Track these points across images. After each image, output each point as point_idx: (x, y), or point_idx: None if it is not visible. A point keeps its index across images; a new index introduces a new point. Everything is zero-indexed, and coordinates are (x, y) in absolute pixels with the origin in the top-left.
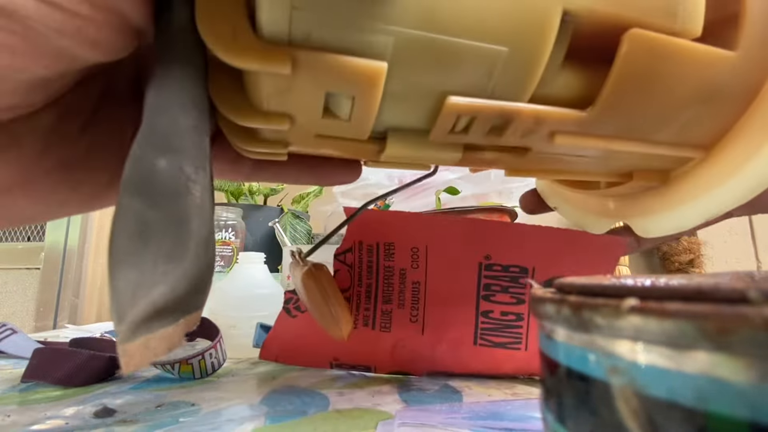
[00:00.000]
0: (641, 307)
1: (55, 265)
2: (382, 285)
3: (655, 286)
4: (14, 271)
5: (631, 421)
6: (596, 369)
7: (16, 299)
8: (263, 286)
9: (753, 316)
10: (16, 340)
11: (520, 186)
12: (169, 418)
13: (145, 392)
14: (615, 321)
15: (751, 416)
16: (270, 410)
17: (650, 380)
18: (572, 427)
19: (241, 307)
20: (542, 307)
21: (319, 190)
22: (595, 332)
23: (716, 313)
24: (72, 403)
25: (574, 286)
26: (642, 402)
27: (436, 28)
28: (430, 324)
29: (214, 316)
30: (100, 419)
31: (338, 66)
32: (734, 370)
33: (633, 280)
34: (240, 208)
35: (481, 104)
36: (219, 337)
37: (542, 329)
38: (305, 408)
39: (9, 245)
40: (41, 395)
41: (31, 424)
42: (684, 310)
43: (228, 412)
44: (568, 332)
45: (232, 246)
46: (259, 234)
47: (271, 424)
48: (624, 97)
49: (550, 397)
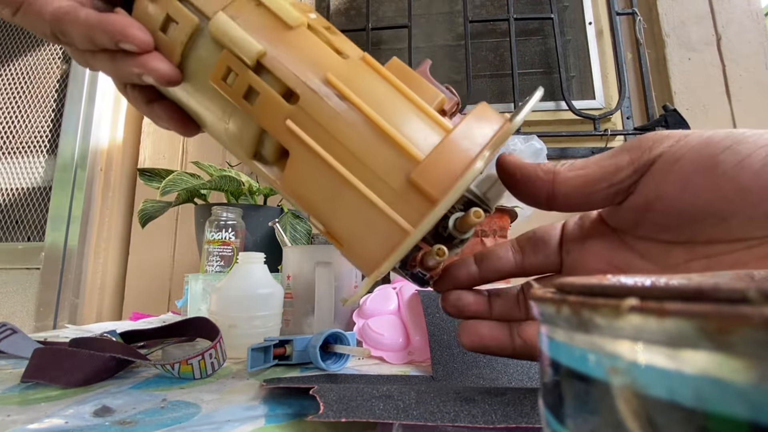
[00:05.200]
0: (641, 307)
1: (55, 265)
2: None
3: (655, 286)
4: (14, 271)
5: (631, 421)
6: (596, 369)
7: (16, 299)
8: (263, 286)
9: (753, 316)
10: (16, 340)
11: None
12: (169, 418)
13: (145, 392)
14: (615, 321)
15: (751, 416)
16: (269, 411)
17: (650, 380)
18: (572, 427)
19: (241, 307)
20: (542, 307)
21: None
22: (595, 332)
23: (716, 313)
24: (72, 403)
25: (574, 286)
26: (642, 402)
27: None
28: None
29: (214, 316)
30: (100, 418)
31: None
32: (734, 370)
33: (633, 280)
34: (240, 208)
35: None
36: (219, 337)
37: (542, 329)
38: (304, 409)
39: (9, 245)
40: (41, 395)
41: (31, 423)
42: (684, 310)
43: (228, 412)
44: (568, 332)
45: (232, 246)
46: (259, 234)
47: (271, 424)
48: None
49: (550, 397)
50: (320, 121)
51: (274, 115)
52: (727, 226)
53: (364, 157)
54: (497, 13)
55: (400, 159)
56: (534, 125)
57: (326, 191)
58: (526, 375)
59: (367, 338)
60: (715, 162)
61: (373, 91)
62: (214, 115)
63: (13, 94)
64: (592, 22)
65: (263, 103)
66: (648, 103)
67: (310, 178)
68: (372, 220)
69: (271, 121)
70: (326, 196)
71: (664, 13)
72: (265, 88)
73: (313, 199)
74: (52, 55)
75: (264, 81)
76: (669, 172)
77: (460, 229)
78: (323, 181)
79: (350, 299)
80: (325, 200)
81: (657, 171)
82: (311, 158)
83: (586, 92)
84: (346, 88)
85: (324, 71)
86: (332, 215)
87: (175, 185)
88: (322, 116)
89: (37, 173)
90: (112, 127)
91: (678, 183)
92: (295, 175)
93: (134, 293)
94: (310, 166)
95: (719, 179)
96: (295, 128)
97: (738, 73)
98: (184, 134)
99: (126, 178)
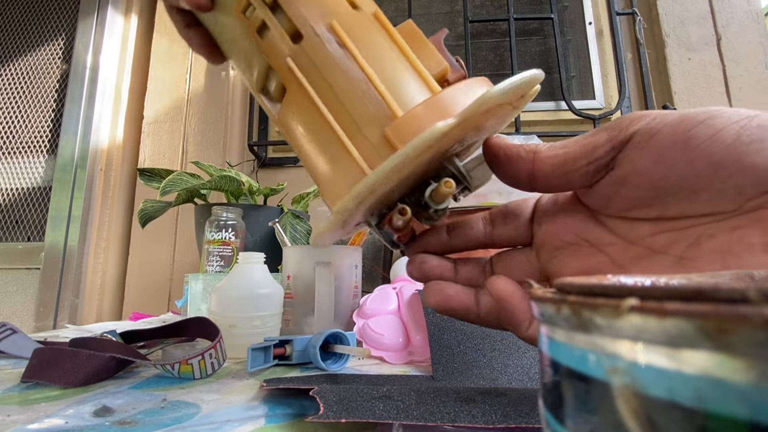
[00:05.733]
0: (641, 307)
1: (55, 265)
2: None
3: (655, 286)
4: (14, 271)
5: (631, 421)
6: (596, 369)
7: (16, 299)
8: (263, 286)
9: (753, 316)
10: (16, 340)
11: None
12: (169, 418)
13: (145, 392)
14: (615, 321)
15: (751, 416)
16: (269, 411)
17: (650, 380)
18: (572, 427)
19: (241, 307)
20: (542, 307)
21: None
22: (595, 332)
23: (716, 313)
24: (72, 403)
25: (574, 286)
26: (642, 402)
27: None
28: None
29: (214, 316)
30: (100, 418)
31: None
32: (734, 370)
33: (633, 280)
34: (240, 208)
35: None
36: (219, 337)
37: (542, 329)
38: (304, 409)
39: (9, 245)
40: (41, 395)
41: (31, 423)
42: (684, 310)
43: (228, 412)
44: (568, 332)
45: (232, 246)
46: (259, 234)
47: (271, 424)
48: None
49: (550, 397)
50: (316, 63)
51: (278, 51)
52: (697, 200)
53: (349, 106)
54: (497, 13)
55: (381, 112)
56: (534, 125)
57: (311, 130)
58: (526, 375)
59: (367, 338)
60: (689, 136)
61: (373, 44)
62: (235, 46)
63: (13, 94)
64: (592, 22)
65: (271, 39)
66: (648, 103)
67: (299, 116)
68: (342, 162)
69: (275, 57)
70: (310, 135)
71: (664, 13)
72: (275, 24)
73: (299, 136)
74: (52, 55)
75: (277, 19)
76: (644, 147)
77: (434, 199)
78: (309, 121)
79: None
80: (309, 139)
81: (633, 146)
82: (302, 97)
83: (586, 92)
84: (346, 36)
85: (331, 18)
86: (313, 154)
87: (175, 185)
88: (318, 59)
89: (37, 173)
90: (112, 127)
91: (652, 157)
92: (288, 111)
93: (134, 293)
94: (300, 104)
95: (692, 152)
96: (292, 65)
97: (738, 73)
98: (210, 61)
99: (126, 178)
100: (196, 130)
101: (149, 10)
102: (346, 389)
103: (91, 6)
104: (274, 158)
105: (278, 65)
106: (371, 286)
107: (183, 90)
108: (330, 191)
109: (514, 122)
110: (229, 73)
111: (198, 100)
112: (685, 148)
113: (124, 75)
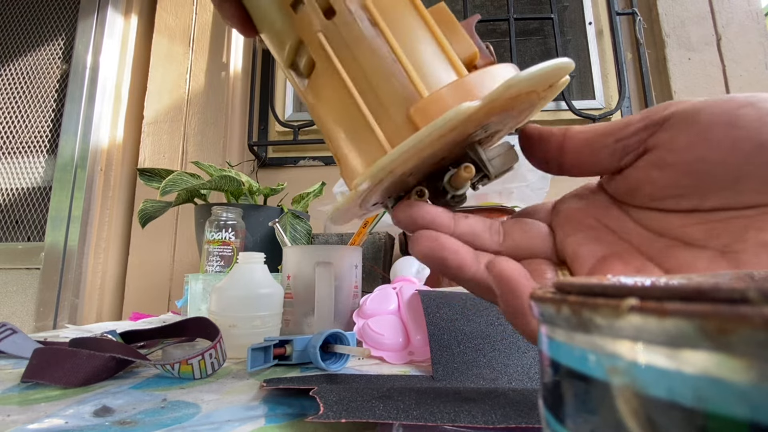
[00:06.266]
0: (641, 307)
1: (55, 265)
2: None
3: (655, 286)
4: (14, 271)
5: (631, 421)
6: (596, 369)
7: (16, 299)
8: (263, 286)
9: (753, 316)
10: (16, 340)
11: (520, 186)
12: (169, 418)
13: (145, 392)
14: (615, 321)
15: (751, 416)
16: (269, 411)
17: (650, 380)
18: (572, 427)
19: (241, 307)
20: (542, 307)
21: (319, 190)
22: (595, 332)
23: (716, 313)
24: (72, 403)
25: (574, 286)
26: (642, 402)
27: None
28: None
29: (214, 316)
30: (100, 418)
31: None
32: (734, 370)
33: (633, 280)
34: (240, 208)
35: None
36: (219, 337)
37: (542, 329)
38: (304, 409)
39: (9, 245)
40: (41, 395)
41: (31, 423)
42: (684, 310)
43: (228, 412)
44: (568, 332)
45: (232, 246)
46: (259, 234)
47: (271, 424)
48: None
49: (550, 397)
50: (347, 40)
51: (310, 26)
52: (742, 189)
53: (376, 84)
54: (497, 13)
55: (407, 92)
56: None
57: (336, 108)
58: (526, 375)
59: (367, 338)
60: (735, 116)
61: (405, 25)
62: (268, 19)
63: (13, 94)
64: (592, 22)
65: (305, 13)
66: (648, 103)
67: (326, 92)
68: (365, 140)
69: (307, 32)
70: (336, 112)
71: (664, 13)
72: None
73: (325, 113)
74: (52, 55)
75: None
76: (683, 126)
77: (453, 185)
78: (336, 98)
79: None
80: (334, 116)
81: (670, 125)
82: (331, 74)
83: (586, 92)
84: (378, 15)
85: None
86: (337, 131)
87: (175, 185)
88: (350, 36)
89: (37, 173)
90: (112, 127)
91: (692, 136)
92: (315, 86)
93: (134, 293)
94: (328, 81)
95: (737, 132)
96: (323, 41)
97: (738, 73)
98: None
99: (126, 178)
100: (196, 130)
101: (149, 10)
102: (346, 389)
103: (91, 6)
104: (274, 158)
105: (309, 40)
106: (371, 286)
107: (183, 90)
108: (350, 168)
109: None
110: (229, 73)
111: (198, 100)
112: (730, 128)
113: (124, 75)
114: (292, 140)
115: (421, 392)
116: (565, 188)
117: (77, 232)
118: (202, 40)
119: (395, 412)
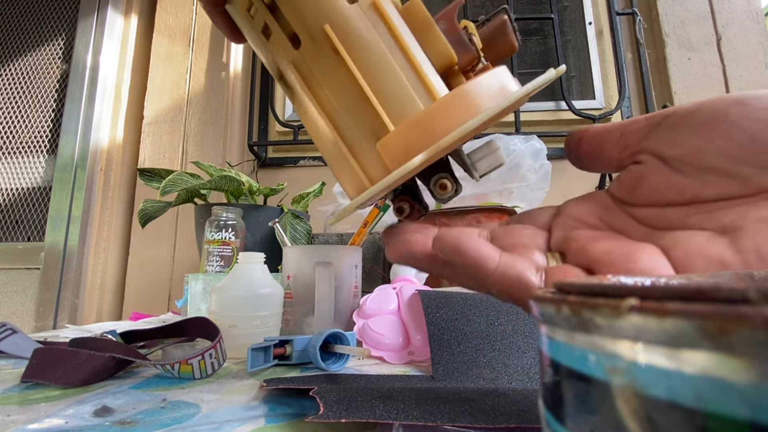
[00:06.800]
0: (641, 307)
1: (55, 265)
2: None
3: (655, 286)
4: (14, 271)
5: (631, 421)
6: (596, 369)
7: (16, 299)
8: (263, 286)
9: (753, 316)
10: (16, 340)
11: (520, 186)
12: (169, 418)
13: (145, 392)
14: (615, 321)
15: (751, 416)
16: (269, 411)
17: (650, 380)
18: (572, 427)
19: (241, 307)
20: (542, 307)
21: (319, 190)
22: (595, 332)
23: (716, 313)
24: (72, 403)
25: (574, 286)
26: (642, 402)
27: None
28: None
29: (214, 316)
30: (100, 418)
31: None
32: (734, 370)
33: (633, 280)
34: (240, 208)
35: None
36: (219, 337)
37: (542, 329)
38: (304, 409)
39: (9, 245)
40: (41, 395)
41: (31, 423)
42: (684, 310)
43: (228, 412)
44: (568, 332)
45: (232, 246)
46: (259, 234)
47: (271, 424)
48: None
49: (550, 397)
50: (314, 70)
51: (282, 56)
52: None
53: (346, 115)
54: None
55: (375, 124)
56: (534, 125)
57: (317, 135)
58: (526, 375)
59: (367, 338)
60: (725, 113)
61: (368, 47)
62: (250, 38)
63: (13, 94)
64: (592, 22)
65: (275, 43)
66: (648, 103)
67: (306, 117)
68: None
69: (280, 60)
70: (316, 138)
71: (664, 13)
72: (276, 29)
73: (310, 132)
74: (52, 55)
75: (278, 20)
76: (681, 123)
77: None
78: (314, 127)
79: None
80: (316, 138)
81: (672, 121)
82: (306, 101)
83: (586, 92)
84: (338, 42)
85: (325, 20)
86: (321, 150)
87: (175, 185)
88: (316, 66)
89: (37, 173)
90: (112, 127)
91: (690, 129)
92: (298, 105)
93: (134, 293)
94: (304, 107)
95: (729, 126)
96: (295, 74)
97: (738, 73)
98: (233, 41)
99: (126, 178)
100: (196, 130)
101: (149, 10)
102: (346, 389)
103: (91, 6)
104: (274, 158)
105: (284, 68)
106: (371, 286)
107: (183, 90)
108: (342, 183)
109: (514, 122)
110: (229, 73)
111: (198, 100)
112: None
113: (124, 75)
114: (292, 140)
115: (421, 392)
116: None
117: (77, 232)
118: (202, 40)
119: (395, 412)
